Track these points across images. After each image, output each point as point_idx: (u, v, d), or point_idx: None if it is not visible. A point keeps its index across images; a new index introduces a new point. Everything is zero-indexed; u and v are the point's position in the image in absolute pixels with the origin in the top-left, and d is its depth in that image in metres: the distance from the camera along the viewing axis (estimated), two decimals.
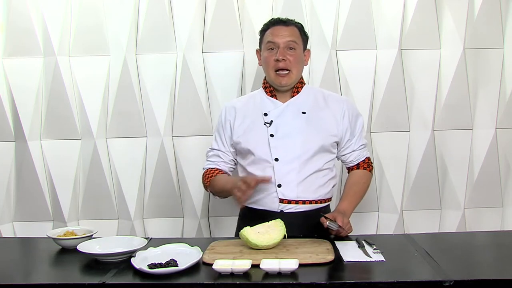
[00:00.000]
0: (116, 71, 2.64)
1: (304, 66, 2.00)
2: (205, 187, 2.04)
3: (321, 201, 1.92)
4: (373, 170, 2.68)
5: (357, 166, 2.02)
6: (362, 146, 2.01)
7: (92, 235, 1.79)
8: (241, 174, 2.00)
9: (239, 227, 2.01)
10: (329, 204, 1.98)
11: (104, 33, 2.63)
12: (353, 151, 1.99)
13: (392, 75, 2.63)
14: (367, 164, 2.03)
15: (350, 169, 2.05)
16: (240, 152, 1.97)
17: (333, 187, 1.99)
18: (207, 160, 2.05)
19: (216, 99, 2.64)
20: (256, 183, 1.74)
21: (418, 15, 2.60)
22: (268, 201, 1.88)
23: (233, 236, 2.04)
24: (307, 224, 1.83)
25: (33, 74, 2.65)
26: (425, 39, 2.63)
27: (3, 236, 2.67)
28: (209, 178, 1.98)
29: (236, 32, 2.62)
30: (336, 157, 2.01)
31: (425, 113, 2.67)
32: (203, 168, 2.06)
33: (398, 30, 2.60)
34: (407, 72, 2.65)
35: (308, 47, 2.62)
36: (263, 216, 1.84)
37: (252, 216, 1.89)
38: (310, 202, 1.89)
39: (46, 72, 2.64)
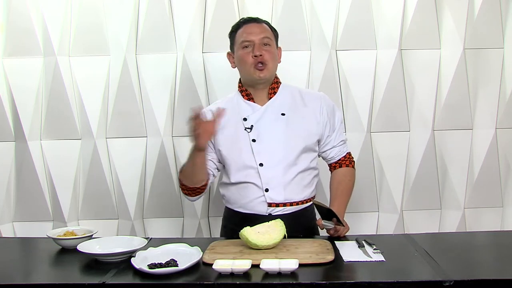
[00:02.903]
0: (116, 71, 2.64)
1: (278, 64, 1.98)
2: (180, 184, 1.91)
3: (307, 201, 1.93)
4: (374, 169, 2.70)
5: (339, 164, 2.01)
6: (342, 142, 2.01)
7: (92, 235, 1.79)
8: (225, 180, 1.96)
9: (224, 229, 2.02)
10: (313, 203, 1.98)
11: (104, 33, 2.63)
12: (334, 147, 1.98)
13: (392, 75, 2.63)
14: (348, 161, 2.02)
15: (332, 168, 2.04)
16: (224, 159, 1.93)
17: (316, 184, 1.99)
18: None
19: (216, 99, 2.63)
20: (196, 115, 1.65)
21: (418, 15, 2.60)
22: (255, 205, 1.87)
23: (219, 237, 2.03)
24: (295, 224, 1.83)
25: (33, 74, 2.65)
26: (425, 39, 2.63)
27: (3, 236, 2.67)
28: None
29: None
30: (318, 154, 2.00)
31: (425, 113, 2.67)
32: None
33: (398, 30, 2.60)
34: (407, 72, 2.65)
35: (308, 47, 2.65)
36: (250, 219, 1.83)
37: (239, 219, 1.88)
38: (297, 203, 1.89)
39: (46, 72, 2.64)
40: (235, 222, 1.89)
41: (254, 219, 1.81)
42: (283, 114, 1.91)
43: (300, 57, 2.63)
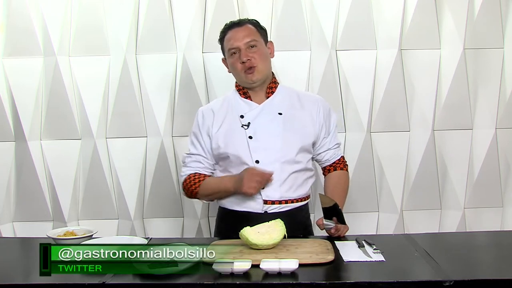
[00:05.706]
0: (116, 71, 2.64)
1: (272, 59, 1.98)
2: (189, 192, 1.95)
3: (301, 199, 1.93)
4: (374, 169, 2.70)
5: (334, 167, 2.01)
6: (337, 145, 2.01)
7: (92, 235, 1.79)
8: (220, 174, 1.96)
9: (218, 229, 1.99)
10: (307, 202, 1.98)
11: (104, 33, 2.63)
12: (328, 149, 1.98)
13: (392, 75, 2.63)
14: (343, 164, 2.03)
15: (326, 171, 2.04)
16: (220, 156, 1.92)
17: (311, 185, 1.99)
18: (186, 166, 1.98)
19: (216, 98, 2.64)
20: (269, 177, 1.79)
21: (418, 15, 2.60)
22: (251, 203, 1.86)
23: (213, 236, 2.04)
24: (290, 222, 1.82)
25: (33, 74, 2.65)
26: (425, 39, 2.63)
27: (3, 236, 2.67)
28: (197, 184, 1.92)
29: None
30: (311, 157, 2.00)
31: (425, 113, 2.67)
32: (182, 176, 1.98)
33: (398, 30, 2.60)
34: (407, 72, 2.66)
35: (308, 47, 2.65)
36: (246, 217, 1.83)
37: (234, 218, 1.88)
38: (292, 201, 1.89)
39: (46, 72, 2.64)
40: (229, 222, 1.89)
41: (250, 218, 1.82)
42: (280, 114, 1.91)
43: (300, 57, 2.63)
